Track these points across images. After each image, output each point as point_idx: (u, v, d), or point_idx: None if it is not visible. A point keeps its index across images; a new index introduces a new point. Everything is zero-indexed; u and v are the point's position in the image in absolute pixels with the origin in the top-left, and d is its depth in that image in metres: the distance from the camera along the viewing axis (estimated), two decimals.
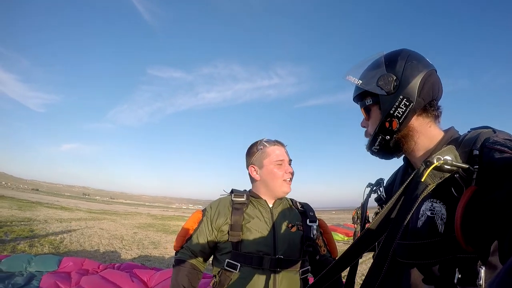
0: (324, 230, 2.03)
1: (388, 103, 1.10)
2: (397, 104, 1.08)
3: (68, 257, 6.12)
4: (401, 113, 1.08)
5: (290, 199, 2.03)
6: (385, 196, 1.32)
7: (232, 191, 1.95)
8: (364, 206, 1.42)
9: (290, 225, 1.82)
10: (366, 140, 1.24)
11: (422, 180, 0.97)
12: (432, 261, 0.96)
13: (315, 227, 1.89)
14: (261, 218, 1.80)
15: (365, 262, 8.29)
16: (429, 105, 1.11)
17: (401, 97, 1.07)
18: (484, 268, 0.83)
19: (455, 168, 0.94)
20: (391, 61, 1.13)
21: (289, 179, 1.86)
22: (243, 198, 1.87)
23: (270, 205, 1.87)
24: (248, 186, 2.02)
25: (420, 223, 1.01)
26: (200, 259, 1.85)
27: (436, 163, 0.95)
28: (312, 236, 1.85)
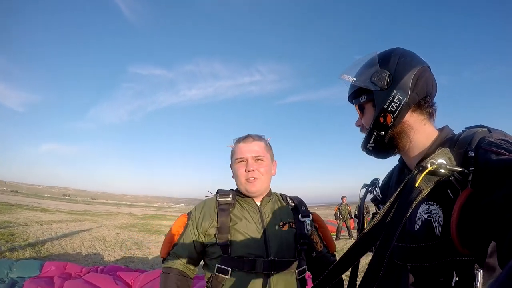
0: (319, 225, 1.94)
1: (382, 98, 1.10)
2: (390, 99, 1.08)
3: (50, 261, 6.04)
4: (395, 107, 1.08)
5: (280, 194, 1.94)
6: (381, 196, 1.31)
7: (218, 192, 1.84)
8: (360, 207, 1.41)
9: (281, 224, 1.73)
10: (361, 139, 1.24)
11: (416, 185, 0.99)
12: (429, 264, 0.96)
13: (308, 222, 1.79)
14: (249, 218, 1.71)
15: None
16: (423, 101, 1.11)
17: (394, 91, 1.08)
18: (481, 271, 0.84)
19: (449, 172, 0.95)
20: (385, 58, 1.14)
21: (252, 178, 1.73)
22: (229, 198, 1.77)
23: (258, 203, 1.79)
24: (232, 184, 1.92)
25: (417, 226, 1.00)
26: (189, 265, 1.75)
27: (430, 168, 0.96)
28: (306, 232, 1.76)
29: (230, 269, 1.59)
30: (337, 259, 1.27)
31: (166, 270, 1.72)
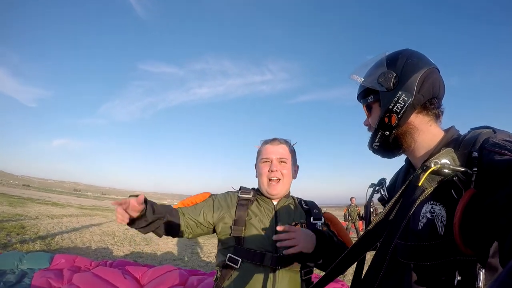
0: (332, 222, 2.00)
1: (387, 98, 1.13)
2: (395, 99, 1.10)
3: (60, 254, 6.10)
4: (399, 108, 1.10)
5: (297, 198, 2.04)
6: (387, 196, 1.33)
7: (240, 188, 2.00)
8: (367, 206, 1.43)
9: (293, 223, 1.80)
10: (367, 137, 1.27)
11: (419, 184, 1.02)
12: (432, 263, 0.98)
13: (319, 224, 1.87)
14: (265, 215, 1.83)
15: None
16: (429, 103, 1.13)
17: (399, 92, 1.10)
18: (483, 271, 0.85)
19: (452, 172, 0.96)
20: (392, 59, 1.16)
21: (275, 178, 1.86)
22: (249, 195, 1.92)
23: (275, 203, 1.91)
24: (246, 184, 2.07)
25: (420, 225, 1.02)
26: (187, 226, 1.82)
27: (433, 167, 0.98)
28: None
29: (240, 260, 1.70)
30: None
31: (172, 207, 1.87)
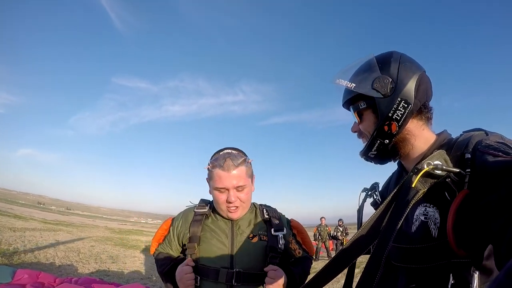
0: (298, 231, 1.92)
1: (385, 106, 1.09)
2: (395, 106, 1.07)
3: (22, 269, 5.89)
4: (400, 115, 1.07)
5: (260, 205, 1.92)
6: (380, 200, 1.31)
7: (200, 202, 1.91)
8: (360, 211, 1.39)
9: (251, 236, 1.73)
10: (360, 146, 1.24)
11: (413, 186, 1.00)
12: (426, 266, 0.98)
13: (281, 236, 1.75)
14: (220, 229, 1.74)
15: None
16: (423, 107, 1.12)
17: (399, 99, 1.07)
18: (477, 273, 0.85)
19: (445, 173, 0.96)
20: (384, 63, 1.13)
21: (233, 207, 1.70)
22: (205, 209, 1.81)
23: None
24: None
25: (414, 227, 1.02)
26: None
27: (426, 169, 0.97)
28: (278, 246, 1.72)
29: (198, 277, 1.64)
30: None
31: (156, 254, 1.88)
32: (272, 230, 1.76)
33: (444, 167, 0.96)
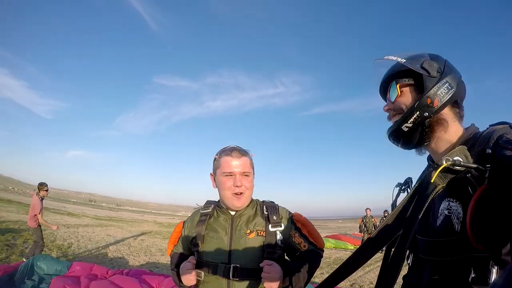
0: (302, 224, 1.90)
1: (432, 82, 1.13)
2: (440, 84, 1.12)
3: (77, 262, 6.18)
4: (443, 93, 1.12)
5: (262, 201, 1.97)
6: None
7: (206, 203, 2.00)
8: (393, 206, 1.40)
9: (248, 232, 1.78)
10: (388, 127, 1.26)
11: (432, 181, 1.04)
12: (448, 259, 1.00)
13: (279, 232, 1.80)
14: (221, 227, 1.82)
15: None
16: (460, 101, 1.17)
17: (444, 80, 1.12)
18: (496, 268, 0.86)
19: (464, 169, 0.98)
20: (433, 56, 1.19)
21: (239, 192, 1.79)
22: (209, 209, 1.91)
23: (232, 213, 1.86)
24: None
25: (438, 221, 1.05)
26: None
27: (444, 165, 0.99)
28: (275, 242, 1.77)
29: (202, 272, 1.75)
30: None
31: (172, 254, 2.03)
32: (270, 226, 1.80)
33: (462, 163, 0.97)
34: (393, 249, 1.16)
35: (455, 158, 0.98)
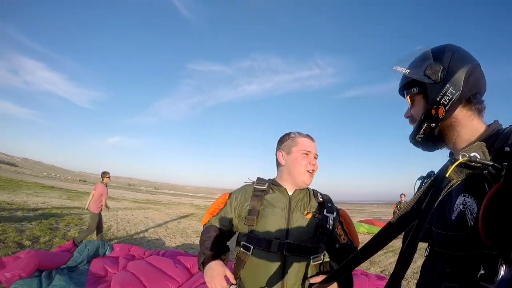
0: (344, 220, 2.04)
1: (435, 91, 1.13)
2: (443, 92, 1.11)
3: (115, 244, 6.51)
4: (447, 101, 1.11)
5: (313, 190, 2.06)
6: None
7: (257, 179, 2.05)
8: None
9: (305, 212, 1.86)
10: (410, 131, 1.27)
11: (447, 175, 1.03)
12: (460, 254, 1.00)
13: (331, 217, 1.90)
14: (278, 204, 1.87)
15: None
16: (473, 97, 1.13)
17: (447, 85, 1.10)
18: (504, 267, 0.85)
19: (480, 165, 0.96)
20: (438, 53, 1.16)
21: (311, 170, 1.91)
22: (264, 186, 1.96)
23: (290, 193, 1.94)
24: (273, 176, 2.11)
25: (453, 216, 1.04)
26: (228, 231, 2.01)
27: (460, 160, 0.99)
28: (327, 225, 1.87)
29: (252, 247, 1.79)
30: None
31: (207, 226, 2.02)
32: (325, 210, 1.91)
33: (478, 159, 0.97)
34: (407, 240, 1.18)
35: (471, 154, 0.98)
